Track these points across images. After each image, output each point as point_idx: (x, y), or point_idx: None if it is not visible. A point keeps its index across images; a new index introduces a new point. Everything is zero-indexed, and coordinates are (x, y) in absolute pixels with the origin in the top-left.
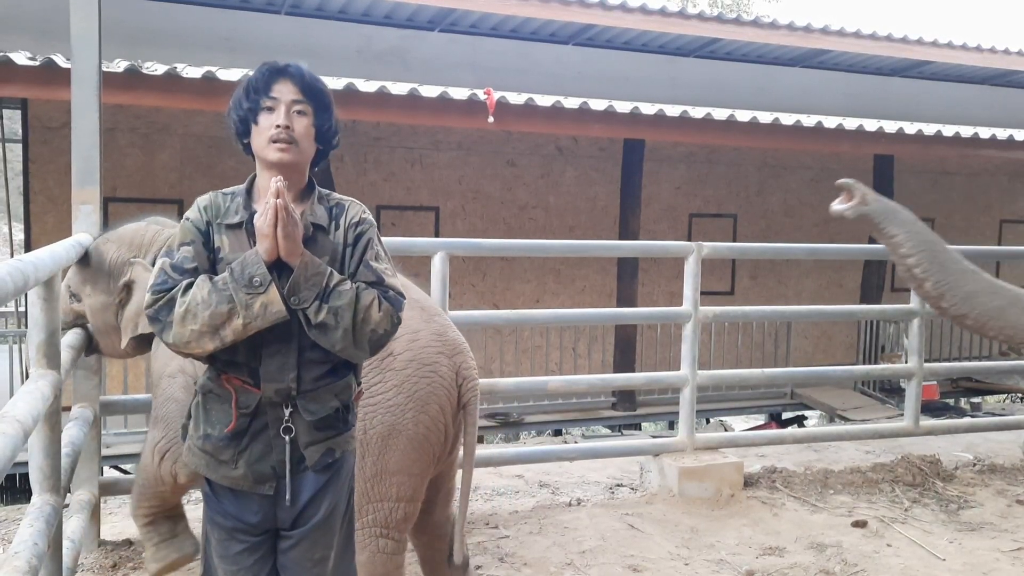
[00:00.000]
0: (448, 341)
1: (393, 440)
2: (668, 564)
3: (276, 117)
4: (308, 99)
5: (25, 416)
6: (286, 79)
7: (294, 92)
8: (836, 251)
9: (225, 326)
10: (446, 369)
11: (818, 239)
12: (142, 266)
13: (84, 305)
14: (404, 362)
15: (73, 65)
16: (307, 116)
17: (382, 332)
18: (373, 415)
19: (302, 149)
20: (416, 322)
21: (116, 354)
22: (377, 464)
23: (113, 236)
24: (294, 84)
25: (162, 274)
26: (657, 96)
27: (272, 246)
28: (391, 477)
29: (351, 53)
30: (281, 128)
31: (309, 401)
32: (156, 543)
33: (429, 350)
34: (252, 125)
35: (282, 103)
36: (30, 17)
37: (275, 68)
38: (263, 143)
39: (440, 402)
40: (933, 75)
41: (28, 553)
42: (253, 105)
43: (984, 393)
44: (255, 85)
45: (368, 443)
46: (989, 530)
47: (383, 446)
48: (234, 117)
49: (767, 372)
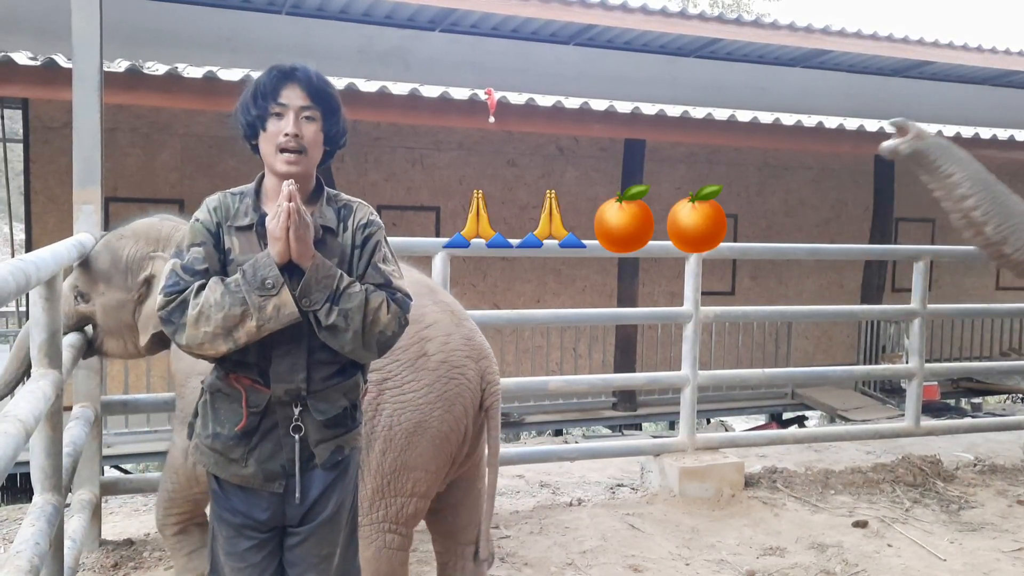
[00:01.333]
0: (475, 346)
1: (418, 437)
2: (669, 564)
3: (285, 124)
4: (317, 104)
5: (27, 415)
6: (294, 84)
7: (302, 98)
8: (837, 251)
9: (238, 328)
10: (472, 372)
11: (819, 239)
12: (163, 260)
13: (94, 305)
14: (437, 363)
15: (74, 65)
16: (316, 122)
17: (390, 334)
18: (402, 411)
19: (311, 156)
20: (448, 325)
21: (125, 354)
22: (399, 459)
23: (127, 232)
24: (302, 89)
25: (173, 275)
26: (658, 96)
27: (284, 249)
28: (410, 473)
29: (352, 53)
30: (290, 136)
31: (319, 401)
32: (187, 553)
33: (458, 353)
34: (260, 130)
35: (291, 109)
36: (31, 17)
37: (283, 73)
38: (272, 150)
39: (464, 403)
40: (934, 75)
41: (30, 552)
42: (261, 111)
43: (985, 393)
44: (263, 90)
45: (393, 439)
46: (990, 530)
47: (407, 442)
48: (242, 121)
49: (767, 372)
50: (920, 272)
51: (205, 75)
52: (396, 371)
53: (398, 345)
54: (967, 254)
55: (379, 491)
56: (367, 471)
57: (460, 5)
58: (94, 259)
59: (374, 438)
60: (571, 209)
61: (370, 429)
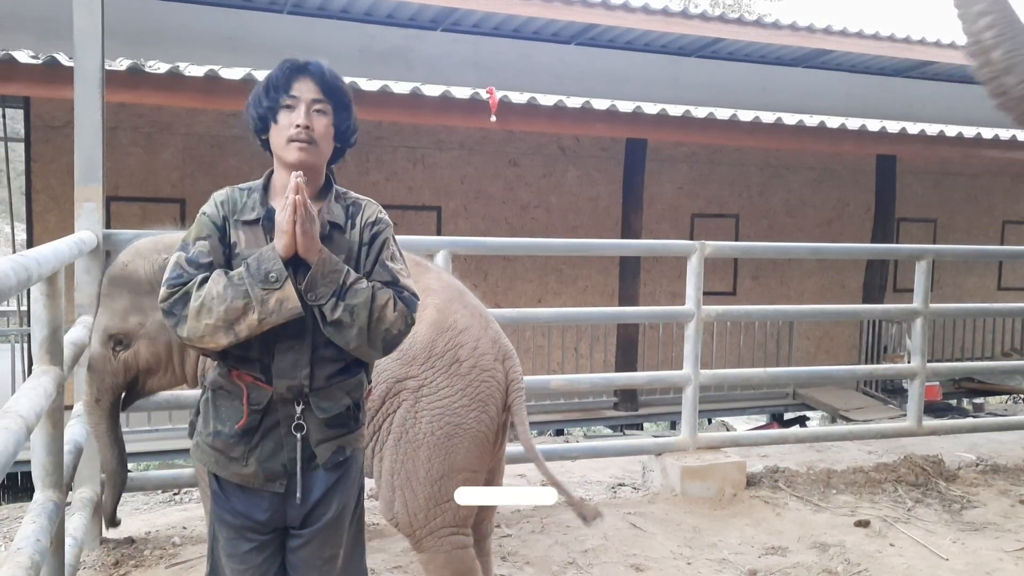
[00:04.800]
0: (501, 347)
1: (458, 440)
2: (670, 563)
3: (296, 116)
4: (328, 98)
5: (28, 412)
6: (307, 77)
7: (314, 91)
8: (839, 251)
9: (240, 321)
10: (500, 374)
11: (820, 239)
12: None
13: (138, 343)
14: (468, 368)
15: (76, 62)
16: (327, 115)
17: (396, 332)
18: (441, 416)
19: (321, 149)
20: (477, 330)
21: (173, 383)
22: (445, 463)
23: (129, 257)
24: (314, 83)
25: (177, 268)
26: (659, 96)
27: (290, 242)
28: (458, 475)
29: (353, 52)
30: (301, 128)
31: (321, 398)
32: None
33: (488, 357)
34: (271, 123)
35: (302, 102)
36: (33, 16)
37: (296, 66)
38: (282, 142)
39: (496, 403)
40: (936, 75)
41: (30, 549)
42: (272, 103)
43: (987, 394)
44: (275, 83)
45: (436, 444)
46: (992, 530)
47: (449, 446)
48: (253, 114)
49: (769, 372)
50: (922, 271)
51: (206, 74)
52: (432, 378)
53: (434, 351)
54: (969, 254)
55: (432, 499)
56: (416, 483)
57: (462, 4)
58: (112, 299)
59: (417, 446)
60: (572, 209)
61: (411, 437)
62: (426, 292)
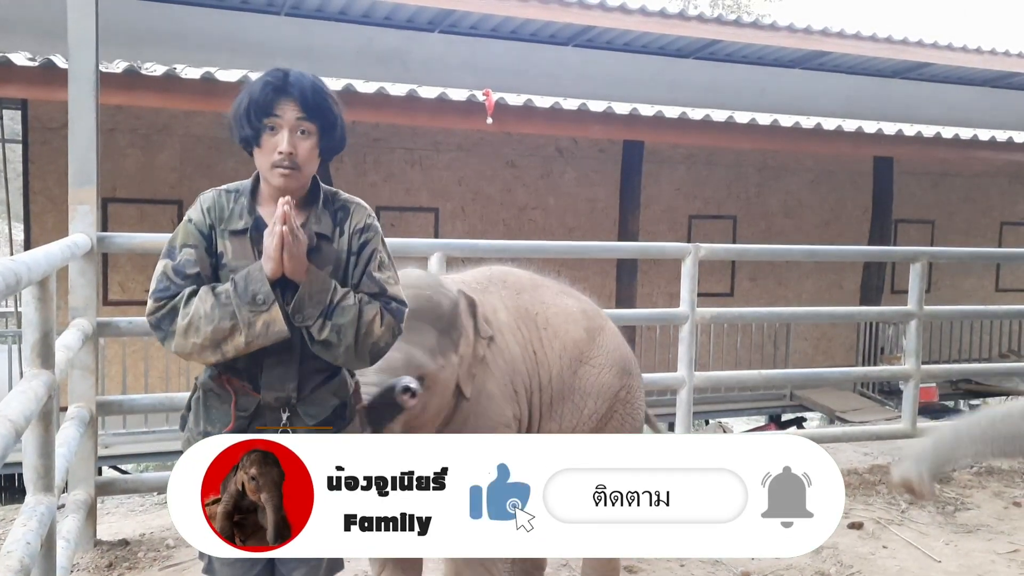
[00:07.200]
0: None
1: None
2: (663, 564)
3: (279, 140)
4: (312, 119)
5: (17, 415)
6: (288, 99)
7: (297, 111)
8: (836, 253)
9: (227, 342)
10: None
11: (818, 240)
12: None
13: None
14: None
15: (70, 64)
16: (311, 136)
17: (383, 345)
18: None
19: (305, 172)
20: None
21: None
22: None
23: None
24: (297, 104)
25: (164, 279)
26: (656, 97)
27: (277, 268)
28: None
29: (351, 54)
30: (284, 155)
31: (309, 405)
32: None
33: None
34: (255, 146)
35: (285, 124)
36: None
37: (277, 87)
38: (266, 165)
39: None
40: (933, 77)
41: (21, 552)
42: (255, 130)
43: (984, 395)
44: (256, 104)
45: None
46: (985, 532)
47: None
48: (237, 135)
49: (765, 373)
50: (917, 273)
51: (203, 76)
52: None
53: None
54: (964, 255)
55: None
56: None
57: (459, 6)
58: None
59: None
60: (570, 210)
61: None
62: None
